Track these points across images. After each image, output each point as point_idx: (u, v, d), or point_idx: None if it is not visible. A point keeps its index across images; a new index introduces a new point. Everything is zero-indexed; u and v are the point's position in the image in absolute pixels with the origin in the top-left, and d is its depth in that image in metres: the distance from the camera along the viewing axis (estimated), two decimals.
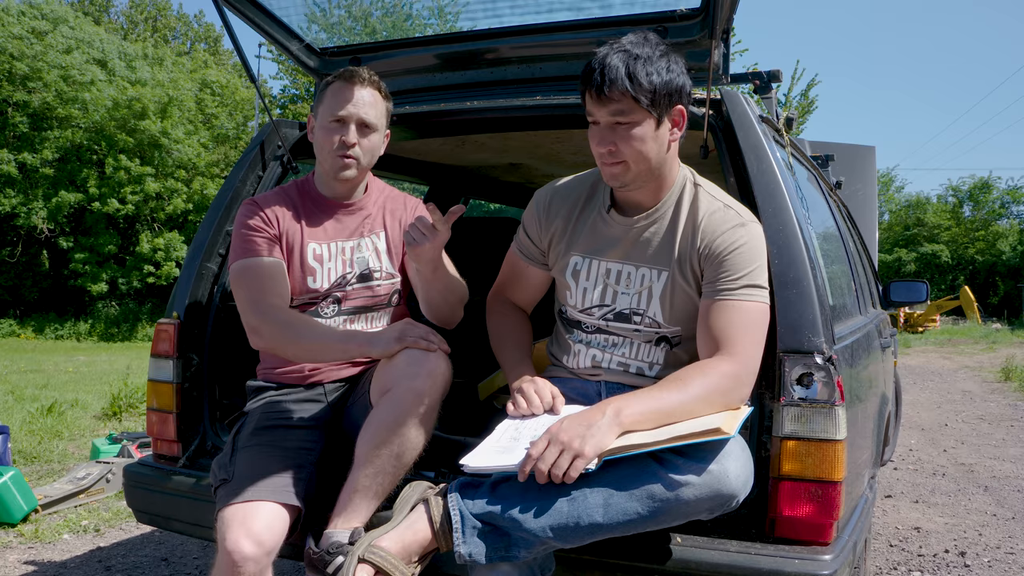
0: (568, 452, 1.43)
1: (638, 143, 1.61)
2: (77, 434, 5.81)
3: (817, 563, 1.54)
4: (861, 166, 5.94)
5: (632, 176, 1.66)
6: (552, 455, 1.44)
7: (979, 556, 3.46)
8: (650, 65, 1.58)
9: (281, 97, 20.50)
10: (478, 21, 2.43)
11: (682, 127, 1.68)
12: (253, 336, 1.87)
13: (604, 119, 1.61)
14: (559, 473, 1.43)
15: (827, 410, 1.60)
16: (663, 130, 1.64)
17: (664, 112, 1.62)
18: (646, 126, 1.61)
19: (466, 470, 1.52)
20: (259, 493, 1.67)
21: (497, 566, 1.53)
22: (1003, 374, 10.64)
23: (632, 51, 1.58)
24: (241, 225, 1.96)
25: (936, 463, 5.38)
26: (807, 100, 14.56)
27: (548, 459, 1.44)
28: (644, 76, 1.57)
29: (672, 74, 1.61)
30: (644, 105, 1.58)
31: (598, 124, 1.63)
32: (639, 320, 1.75)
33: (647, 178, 1.69)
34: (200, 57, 25.79)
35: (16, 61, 18.00)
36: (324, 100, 1.96)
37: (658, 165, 1.68)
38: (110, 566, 3.19)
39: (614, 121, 1.61)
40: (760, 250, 1.67)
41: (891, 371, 3.35)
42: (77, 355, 13.66)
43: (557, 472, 1.43)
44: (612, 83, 1.56)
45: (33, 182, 18.49)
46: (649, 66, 1.58)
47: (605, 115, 1.61)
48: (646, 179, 1.69)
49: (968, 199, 36.23)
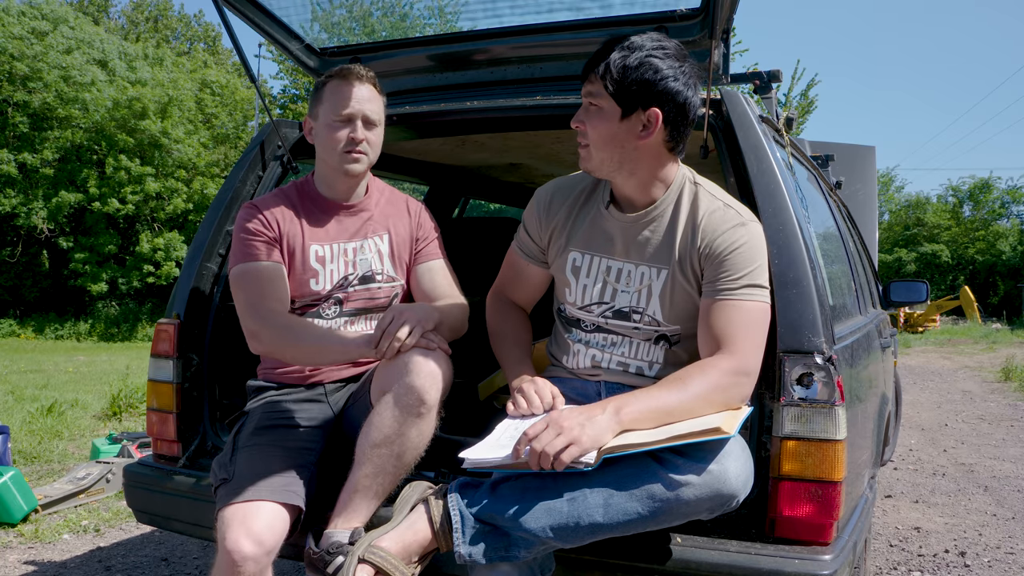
0: (564, 436, 1.43)
1: (600, 128, 1.64)
2: (77, 434, 5.81)
3: (817, 563, 1.54)
4: (861, 166, 5.94)
5: (595, 164, 1.69)
6: (548, 437, 1.44)
7: (979, 556, 3.46)
8: (637, 58, 1.59)
9: (281, 97, 20.52)
10: (478, 21, 2.43)
11: (652, 133, 1.63)
12: (252, 341, 1.87)
13: (583, 100, 1.68)
14: (551, 453, 1.42)
15: (827, 410, 1.60)
16: (629, 125, 1.63)
17: (631, 106, 1.61)
18: (609, 113, 1.63)
19: (466, 465, 1.51)
20: (259, 493, 1.67)
21: (497, 566, 1.53)
22: (1003, 374, 10.64)
23: (634, 43, 1.62)
24: (240, 229, 1.96)
25: (936, 463, 5.38)
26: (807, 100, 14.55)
27: (544, 440, 1.44)
28: (618, 65, 1.60)
29: (658, 75, 1.59)
30: (609, 91, 1.61)
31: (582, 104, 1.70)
32: (638, 318, 1.75)
33: (614, 171, 1.69)
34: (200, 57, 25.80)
35: (16, 61, 18.01)
36: (324, 100, 1.95)
37: (628, 162, 1.67)
38: (110, 566, 3.19)
39: (588, 102, 1.67)
40: (760, 250, 1.67)
41: (891, 371, 3.35)
42: (77, 355, 13.67)
43: (549, 452, 1.42)
44: (590, 64, 1.65)
45: (33, 182, 18.50)
46: (633, 59, 1.60)
47: (584, 95, 1.68)
48: (613, 172, 1.70)
49: (968, 199, 36.24)
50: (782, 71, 2.30)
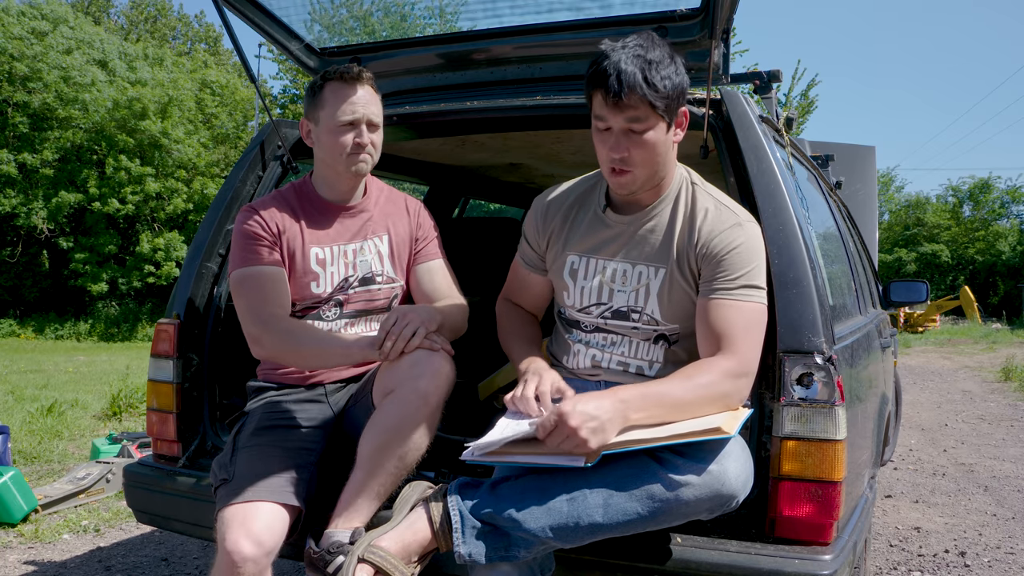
0: (571, 440, 1.43)
1: (650, 149, 1.61)
2: (77, 434, 5.81)
3: (817, 563, 1.54)
4: (861, 166, 5.94)
5: (639, 184, 1.67)
6: (557, 439, 1.45)
7: (979, 556, 3.46)
8: (664, 69, 1.57)
9: (281, 97, 20.51)
10: (478, 21, 2.43)
11: (684, 128, 1.69)
12: (255, 345, 1.87)
13: (618, 125, 1.59)
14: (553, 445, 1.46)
15: (827, 410, 1.60)
16: (670, 133, 1.66)
17: (672, 116, 1.63)
18: (658, 131, 1.61)
19: (465, 456, 1.52)
20: (259, 493, 1.67)
21: (497, 566, 1.53)
22: (1003, 374, 10.63)
23: (645, 56, 1.56)
24: (239, 232, 1.95)
25: (936, 463, 5.38)
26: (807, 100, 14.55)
27: (552, 442, 1.45)
28: (660, 82, 1.56)
29: (680, 77, 1.62)
30: (660, 111, 1.58)
31: (610, 130, 1.61)
32: (637, 317, 1.75)
33: (651, 181, 1.70)
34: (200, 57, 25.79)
35: (16, 62, 18.01)
36: (325, 103, 1.93)
37: (662, 168, 1.69)
38: (110, 566, 3.19)
39: (628, 127, 1.59)
40: (757, 250, 1.67)
41: (891, 371, 3.35)
42: (77, 355, 13.67)
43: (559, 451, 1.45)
44: (631, 89, 1.54)
45: (33, 182, 18.50)
46: (663, 70, 1.57)
47: (620, 121, 1.59)
48: (650, 182, 1.70)
49: (968, 199, 36.24)
50: (782, 71, 2.30)
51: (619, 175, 1.65)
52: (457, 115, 2.36)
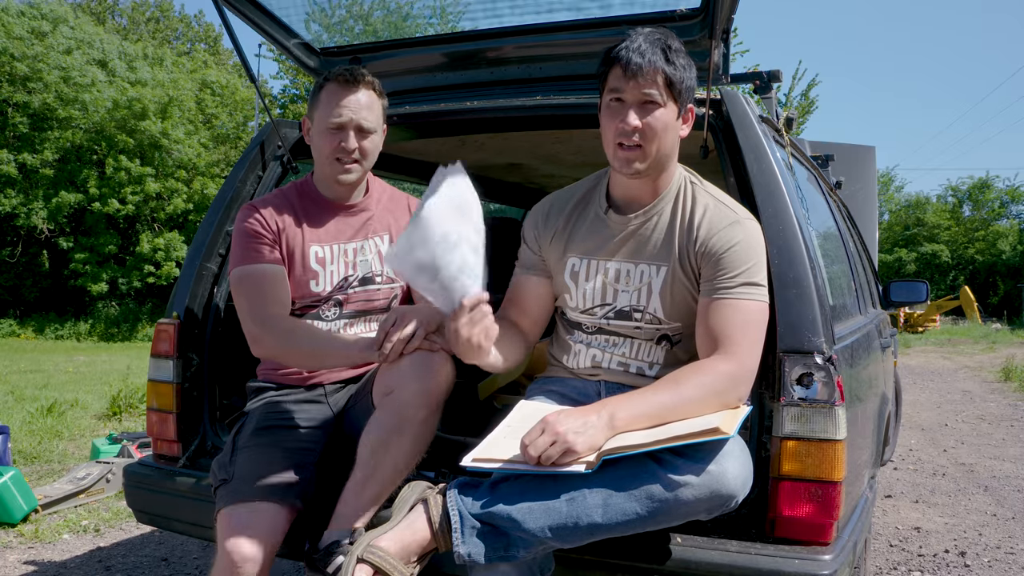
0: (559, 444, 1.45)
1: (660, 128, 1.63)
2: (77, 434, 5.81)
3: (817, 563, 1.54)
4: (861, 166, 5.94)
5: (646, 163, 1.66)
6: (544, 443, 1.46)
7: (979, 556, 3.46)
8: (682, 58, 1.65)
9: (281, 97, 20.51)
10: (478, 21, 2.43)
11: (690, 124, 1.73)
12: (254, 345, 1.86)
13: (633, 97, 1.62)
14: (547, 462, 1.45)
15: (827, 410, 1.60)
16: (678, 123, 1.69)
17: (683, 106, 1.67)
18: (669, 112, 1.64)
19: (464, 463, 1.51)
20: (259, 493, 1.67)
21: (496, 566, 1.53)
22: (1003, 374, 10.63)
23: (665, 40, 1.63)
24: (240, 231, 1.95)
25: (936, 463, 5.38)
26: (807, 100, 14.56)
27: (539, 446, 1.46)
28: (679, 63, 1.63)
29: (692, 72, 1.68)
30: (674, 91, 1.63)
31: (623, 102, 1.63)
32: (640, 317, 1.75)
33: (655, 168, 1.70)
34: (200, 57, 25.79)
35: (16, 62, 18.02)
36: (320, 104, 1.93)
37: (666, 157, 1.70)
38: (110, 566, 3.19)
39: (643, 100, 1.62)
40: (757, 248, 1.67)
41: (891, 371, 3.35)
42: (77, 355, 13.67)
43: (545, 460, 1.45)
44: (651, 64, 1.59)
45: (33, 182, 18.51)
46: (681, 59, 1.64)
47: (636, 93, 1.61)
48: (654, 169, 1.70)
49: (968, 199, 36.25)
50: (782, 71, 2.30)
51: (627, 151, 1.65)
52: (457, 115, 2.36)
